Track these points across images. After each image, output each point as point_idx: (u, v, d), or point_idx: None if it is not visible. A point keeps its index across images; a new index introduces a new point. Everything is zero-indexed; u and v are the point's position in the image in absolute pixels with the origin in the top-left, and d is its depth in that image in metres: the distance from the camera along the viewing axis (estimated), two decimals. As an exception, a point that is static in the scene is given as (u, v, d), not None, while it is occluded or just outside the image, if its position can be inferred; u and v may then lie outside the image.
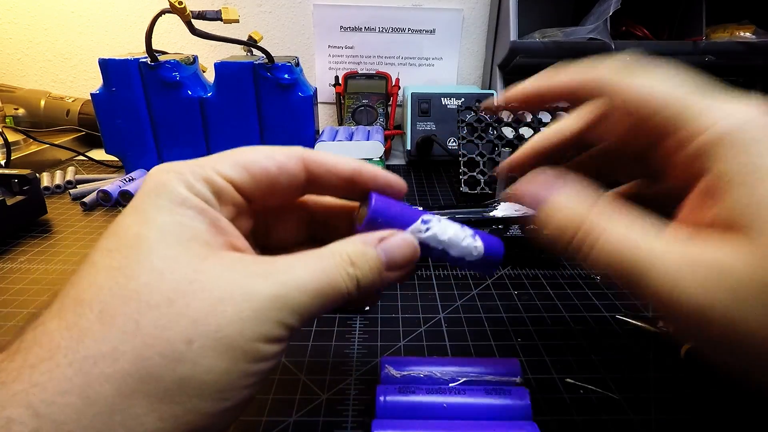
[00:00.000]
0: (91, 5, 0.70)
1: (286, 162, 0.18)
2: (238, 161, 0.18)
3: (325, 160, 0.19)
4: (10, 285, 0.33)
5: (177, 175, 0.17)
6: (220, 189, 0.17)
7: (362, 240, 0.17)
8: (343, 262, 0.16)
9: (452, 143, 0.61)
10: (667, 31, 0.65)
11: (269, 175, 0.18)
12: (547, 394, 0.24)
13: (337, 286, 0.16)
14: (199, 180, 0.17)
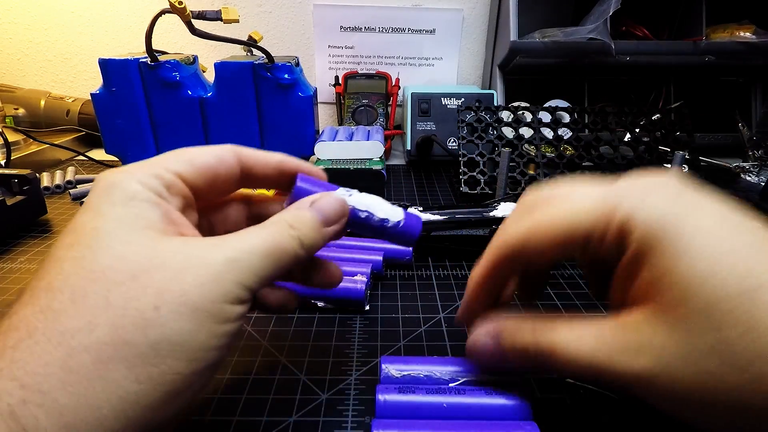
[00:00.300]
0: (91, 5, 0.70)
1: (223, 155, 0.20)
2: (183, 157, 0.20)
3: (255, 152, 0.22)
4: (10, 285, 0.33)
5: (127, 174, 0.18)
6: (169, 182, 0.19)
7: (296, 206, 0.20)
8: (285, 226, 0.18)
9: (452, 143, 0.61)
10: (667, 31, 0.65)
11: (210, 167, 0.20)
12: (547, 394, 0.24)
13: (283, 247, 0.18)
14: (149, 176, 0.18)
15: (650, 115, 0.50)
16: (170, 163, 0.19)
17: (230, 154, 0.21)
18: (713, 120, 0.65)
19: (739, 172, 0.58)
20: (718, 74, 0.66)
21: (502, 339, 0.20)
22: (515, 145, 0.49)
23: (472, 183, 0.48)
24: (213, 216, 0.23)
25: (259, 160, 0.22)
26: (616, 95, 0.67)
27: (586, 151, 0.48)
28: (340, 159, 0.48)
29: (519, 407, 0.21)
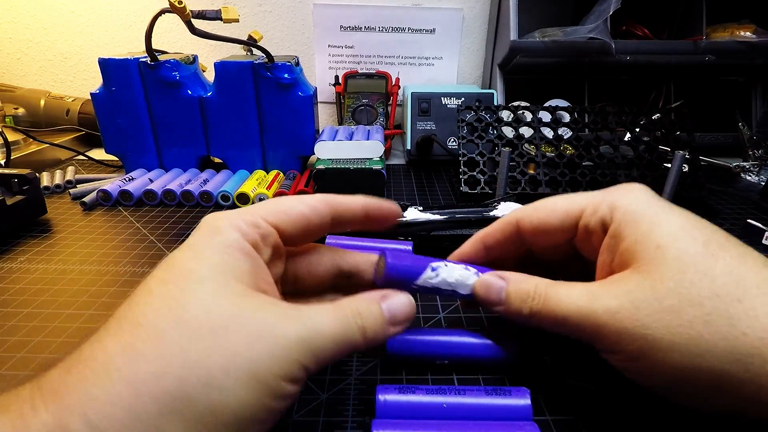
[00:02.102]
0: (91, 5, 0.70)
1: (316, 205, 0.22)
2: (280, 207, 0.21)
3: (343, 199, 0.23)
4: (10, 285, 0.33)
5: (229, 221, 0.19)
6: (265, 233, 0.20)
7: (368, 297, 0.20)
8: (356, 316, 0.19)
9: (452, 143, 0.61)
10: (667, 30, 0.65)
11: (305, 217, 0.21)
12: (547, 394, 0.24)
13: (348, 337, 0.18)
14: (249, 225, 0.20)
15: (650, 115, 0.50)
16: (268, 214, 0.20)
17: (323, 204, 0.22)
18: (713, 120, 0.65)
19: (739, 172, 0.58)
20: (718, 74, 0.66)
21: (509, 283, 0.23)
22: (515, 145, 0.49)
23: (472, 183, 0.48)
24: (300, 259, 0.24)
25: (347, 206, 0.23)
26: (616, 95, 0.67)
27: (586, 150, 0.48)
28: (340, 159, 0.48)
29: (519, 407, 0.21)
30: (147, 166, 0.54)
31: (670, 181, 0.42)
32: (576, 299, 0.20)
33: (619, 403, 0.23)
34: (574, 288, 0.21)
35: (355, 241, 0.36)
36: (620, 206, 0.21)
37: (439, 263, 0.23)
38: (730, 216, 0.46)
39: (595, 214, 0.22)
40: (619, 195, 0.22)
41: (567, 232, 0.23)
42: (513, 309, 0.22)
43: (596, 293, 0.20)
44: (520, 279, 0.22)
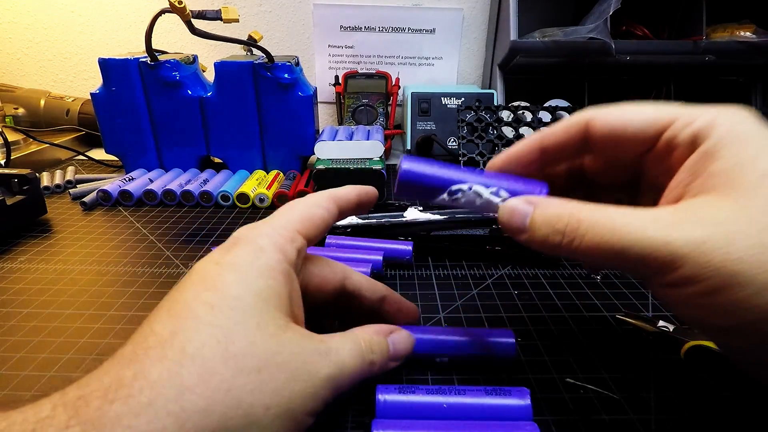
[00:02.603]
0: (91, 5, 0.70)
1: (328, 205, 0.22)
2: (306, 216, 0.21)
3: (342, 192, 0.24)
4: (10, 285, 0.33)
5: (270, 240, 0.19)
6: (300, 247, 0.20)
7: (378, 330, 0.21)
8: (368, 351, 0.20)
9: (452, 143, 0.61)
10: (668, 30, 0.65)
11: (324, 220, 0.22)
12: (547, 394, 0.24)
13: (364, 369, 0.19)
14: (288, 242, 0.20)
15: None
16: (300, 226, 0.21)
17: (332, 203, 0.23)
18: (713, 120, 0.65)
19: (739, 172, 0.58)
20: (718, 74, 0.66)
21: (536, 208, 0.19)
22: (515, 145, 0.49)
23: (472, 183, 0.48)
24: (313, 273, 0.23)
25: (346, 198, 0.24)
26: (616, 95, 0.67)
27: (586, 150, 0.48)
28: (340, 159, 0.48)
29: (519, 407, 0.21)
30: (147, 166, 0.54)
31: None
32: (642, 225, 0.16)
33: (619, 403, 0.23)
34: (637, 213, 0.17)
35: (355, 241, 0.36)
36: (723, 123, 0.17)
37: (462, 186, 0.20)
38: (730, 216, 0.46)
39: (689, 127, 0.18)
40: (722, 112, 0.18)
41: (646, 142, 0.20)
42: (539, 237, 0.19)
43: (673, 221, 0.16)
44: (550, 203, 0.19)
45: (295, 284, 0.20)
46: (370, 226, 0.37)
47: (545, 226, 0.19)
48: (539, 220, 0.19)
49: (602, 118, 0.20)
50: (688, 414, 0.22)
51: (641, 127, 0.19)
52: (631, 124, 0.20)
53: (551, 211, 0.19)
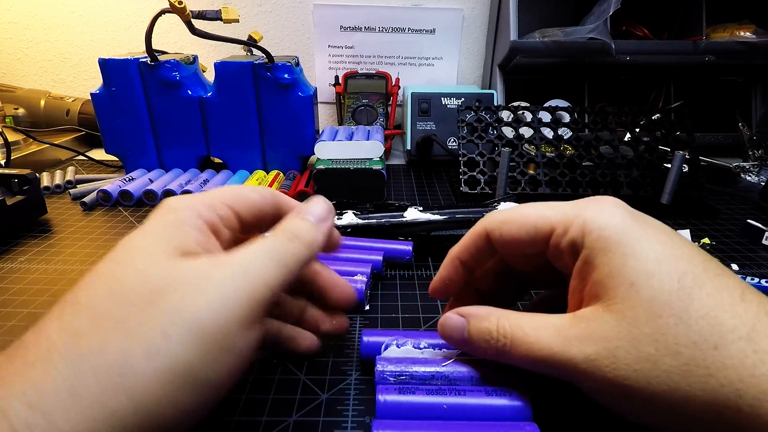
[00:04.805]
0: (91, 5, 0.70)
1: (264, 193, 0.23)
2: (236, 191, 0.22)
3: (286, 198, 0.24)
4: (10, 285, 0.33)
5: (186, 203, 0.20)
6: (224, 215, 0.21)
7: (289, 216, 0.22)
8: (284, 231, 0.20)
9: (452, 143, 0.61)
10: (667, 30, 0.65)
11: (257, 203, 0.22)
12: (547, 394, 0.23)
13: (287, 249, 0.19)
14: (206, 207, 0.20)
15: (650, 115, 0.50)
16: (226, 198, 0.21)
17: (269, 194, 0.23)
18: (713, 120, 0.65)
19: (739, 172, 0.58)
20: (718, 74, 0.66)
21: (469, 321, 0.21)
22: (515, 145, 0.49)
23: (472, 183, 0.48)
24: None
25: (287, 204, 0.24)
26: (616, 95, 0.67)
27: (586, 150, 0.48)
28: (340, 159, 0.48)
29: (519, 408, 0.21)
30: (147, 166, 0.54)
31: (670, 181, 0.42)
32: (548, 342, 0.19)
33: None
34: (545, 327, 0.19)
35: (355, 241, 0.36)
36: (592, 230, 0.19)
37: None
38: (730, 216, 0.46)
39: (566, 236, 0.20)
40: (592, 214, 0.20)
41: (537, 247, 0.22)
42: (478, 348, 0.21)
43: (569, 335, 0.18)
44: (482, 315, 0.21)
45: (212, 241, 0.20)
46: (370, 226, 0.37)
47: (482, 340, 0.20)
48: (475, 333, 0.21)
49: (497, 230, 0.22)
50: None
51: (529, 237, 0.21)
52: (519, 235, 0.22)
53: (484, 325, 0.21)
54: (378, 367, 0.22)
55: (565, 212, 0.21)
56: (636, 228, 0.19)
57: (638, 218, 0.20)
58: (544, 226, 0.21)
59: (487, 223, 0.23)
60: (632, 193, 0.46)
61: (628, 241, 0.19)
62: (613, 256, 0.18)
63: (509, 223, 0.22)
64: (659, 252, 0.18)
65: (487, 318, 0.21)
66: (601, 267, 0.19)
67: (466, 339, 0.21)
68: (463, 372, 0.22)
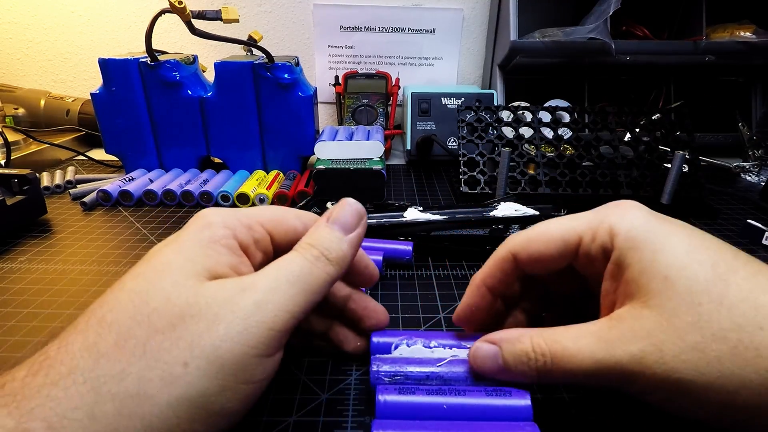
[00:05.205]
0: (91, 5, 0.70)
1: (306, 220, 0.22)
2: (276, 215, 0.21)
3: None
4: (10, 285, 0.33)
5: (223, 219, 0.19)
6: (259, 236, 0.20)
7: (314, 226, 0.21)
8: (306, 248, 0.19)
9: (452, 143, 0.61)
10: (667, 30, 0.65)
11: (296, 229, 0.21)
12: (548, 395, 0.24)
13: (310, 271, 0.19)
14: (242, 225, 0.20)
15: (650, 115, 0.50)
16: (265, 219, 0.21)
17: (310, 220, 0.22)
18: (713, 120, 0.65)
19: (739, 172, 0.58)
20: (718, 74, 0.66)
21: (502, 347, 0.20)
22: (515, 145, 0.49)
23: (472, 183, 0.48)
24: None
25: None
26: (616, 95, 0.67)
27: (586, 150, 0.48)
28: (340, 159, 0.48)
29: (519, 408, 0.21)
30: (147, 166, 0.54)
31: (670, 181, 0.42)
32: (591, 350, 0.18)
33: (619, 403, 0.23)
34: (583, 336, 0.19)
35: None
36: (620, 231, 0.20)
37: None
38: (730, 216, 0.46)
39: (595, 242, 0.20)
40: (616, 218, 0.20)
41: (567, 259, 0.22)
42: (517, 375, 0.20)
43: (611, 338, 0.18)
44: (513, 338, 0.20)
45: (245, 262, 0.19)
46: (370, 226, 0.37)
47: (520, 364, 0.20)
48: (511, 360, 0.20)
49: (523, 251, 0.22)
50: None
51: (557, 251, 0.21)
52: (547, 251, 0.21)
53: (520, 348, 0.20)
54: (373, 368, 0.22)
55: (589, 220, 0.21)
56: (661, 226, 0.19)
57: (660, 217, 0.20)
58: (571, 238, 0.21)
59: (511, 246, 0.23)
60: (632, 193, 0.46)
61: (656, 238, 0.19)
62: (642, 254, 0.19)
63: (535, 241, 0.22)
64: (687, 245, 0.18)
65: (520, 339, 0.20)
66: (633, 266, 0.19)
67: (501, 366, 0.20)
68: (459, 372, 0.22)
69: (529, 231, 0.23)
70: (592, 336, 0.19)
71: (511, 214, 0.37)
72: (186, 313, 0.16)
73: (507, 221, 0.37)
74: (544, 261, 0.22)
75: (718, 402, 0.17)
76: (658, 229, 0.19)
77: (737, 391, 0.16)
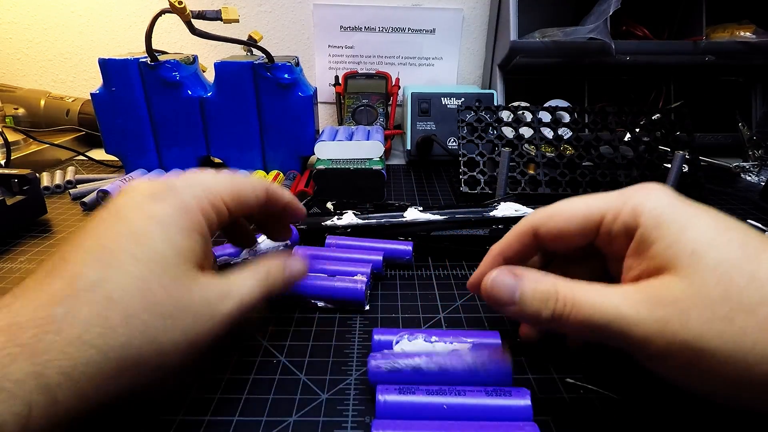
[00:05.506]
0: (91, 5, 0.70)
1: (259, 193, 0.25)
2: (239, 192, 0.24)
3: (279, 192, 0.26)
4: (10, 285, 0.33)
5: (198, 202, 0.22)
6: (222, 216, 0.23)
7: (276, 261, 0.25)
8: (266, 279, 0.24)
9: (452, 143, 0.61)
10: (667, 30, 0.65)
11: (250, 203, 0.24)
12: (547, 394, 0.24)
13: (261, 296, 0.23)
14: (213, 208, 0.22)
15: (650, 115, 0.50)
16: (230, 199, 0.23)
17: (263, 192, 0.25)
18: (713, 120, 0.65)
19: (739, 172, 0.58)
20: (718, 74, 0.66)
21: (523, 281, 0.21)
22: (515, 145, 0.49)
23: (472, 183, 0.48)
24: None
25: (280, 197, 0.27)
26: (616, 95, 0.67)
27: (586, 150, 0.48)
28: (340, 159, 0.48)
29: (519, 408, 0.21)
30: (147, 166, 0.54)
31: (670, 181, 0.42)
32: (616, 304, 0.18)
33: (619, 402, 0.23)
34: (609, 292, 0.19)
35: (355, 241, 0.36)
36: (644, 210, 0.20)
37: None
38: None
39: (618, 220, 0.21)
40: (641, 197, 0.20)
41: (587, 236, 0.22)
42: (530, 311, 0.20)
43: (638, 299, 0.18)
44: (537, 278, 0.21)
45: (209, 243, 0.23)
46: (370, 226, 0.37)
47: (537, 301, 0.20)
48: (530, 294, 0.20)
49: (545, 226, 0.23)
50: (688, 413, 0.22)
51: (579, 227, 0.22)
52: (569, 227, 0.22)
53: (542, 287, 0.20)
54: (371, 362, 0.22)
55: (613, 199, 0.21)
56: (687, 206, 0.20)
57: (685, 200, 0.20)
58: (593, 215, 0.21)
59: (533, 220, 0.23)
60: (632, 193, 0.46)
61: (682, 216, 0.19)
62: (668, 231, 0.19)
63: (556, 217, 0.22)
64: (713, 224, 0.19)
65: (543, 281, 0.20)
66: (659, 241, 0.19)
67: (515, 300, 0.20)
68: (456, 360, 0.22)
69: (552, 207, 0.23)
70: (618, 293, 0.19)
71: (511, 214, 0.37)
72: (180, 307, 0.19)
73: (507, 221, 0.37)
74: (564, 237, 0.22)
75: (735, 374, 0.17)
76: (684, 209, 0.19)
77: (758, 365, 0.16)
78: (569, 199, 0.23)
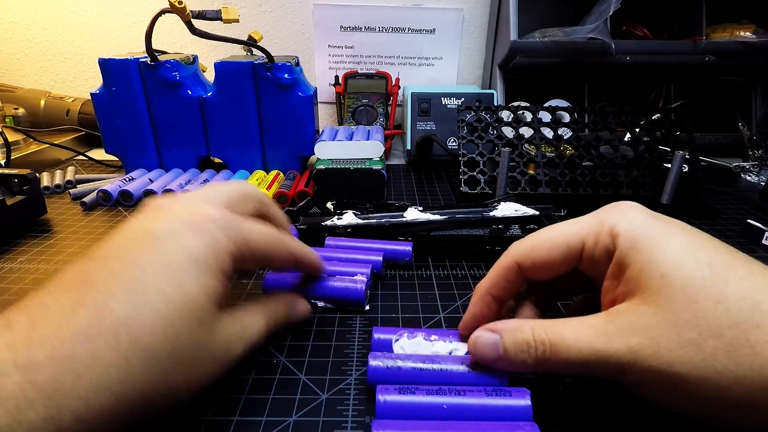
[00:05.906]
0: (91, 5, 0.70)
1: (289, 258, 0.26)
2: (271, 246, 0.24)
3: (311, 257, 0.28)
4: (10, 285, 0.33)
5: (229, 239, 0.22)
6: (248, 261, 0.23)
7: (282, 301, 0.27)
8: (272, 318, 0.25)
9: (452, 143, 0.61)
10: (667, 30, 0.65)
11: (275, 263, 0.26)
12: (547, 394, 0.24)
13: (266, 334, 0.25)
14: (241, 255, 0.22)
15: (650, 115, 0.50)
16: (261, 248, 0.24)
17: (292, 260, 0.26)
18: (713, 120, 0.65)
19: (739, 172, 0.58)
20: (718, 74, 0.66)
21: (503, 336, 0.21)
22: (515, 145, 0.49)
23: (472, 183, 0.48)
24: None
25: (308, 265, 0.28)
26: (616, 95, 0.67)
27: (586, 150, 0.48)
28: (340, 159, 0.48)
29: (519, 408, 0.21)
30: (147, 166, 0.54)
31: (670, 181, 0.42)
32: (588, 341, 0.19)
33: (619, 402, 0.23)
34: (582, 327, 0.19)
35: (355, 242, 0.36)
36: (620, 232, 0.20)
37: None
38: (730, 216, 0.46)
39: (598, 245, 0.21)
40: (617, 219, 0.21)
41: (571, 264, 0.22)
42: (516, 362, 0.21)
43: (609, 331, 0.19)
44: (514, 327, 0.21)
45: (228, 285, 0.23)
46: (370, 226, 0.37)
47: (520, 351, 0.20)
48: (511, 347, 0.21)
49: (528, 259, 0.23)
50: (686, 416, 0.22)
51: (561, 256, 0.22)
52: (552, 257, 0.22)
53: (520, 336, 0.21)
54: (371, 362, 0.22)
55: (590, 224, 0.22)
56: (659, 225, 0.20)
57: (658, 217, 0.21)
58: (575, 243, 0.22)
59: (515, 254, 0.23)
60: (632, 193, 0.46)
61: (654, 237, 0.19)
62: (641, 254, 0.19)
63: (538, 248, 0.22)
64: (684, 244, 0.19)
65: (521, 329, 0.21)
66: (633, 264, 0.19)
67: (501, 355, 0.21)
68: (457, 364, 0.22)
69: (531, 238, 0.23)
70: (590, 328, 0.19)
71: (511, 214, 0.37)
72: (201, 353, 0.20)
73: (507, 221, 0.37)
74: (548, 268, 0.22)
75: (711, 398, 0.17)
76: (657, 228, 0.20)
77: (730, 387, 0.16)
78: (547, 228, 0.23)
